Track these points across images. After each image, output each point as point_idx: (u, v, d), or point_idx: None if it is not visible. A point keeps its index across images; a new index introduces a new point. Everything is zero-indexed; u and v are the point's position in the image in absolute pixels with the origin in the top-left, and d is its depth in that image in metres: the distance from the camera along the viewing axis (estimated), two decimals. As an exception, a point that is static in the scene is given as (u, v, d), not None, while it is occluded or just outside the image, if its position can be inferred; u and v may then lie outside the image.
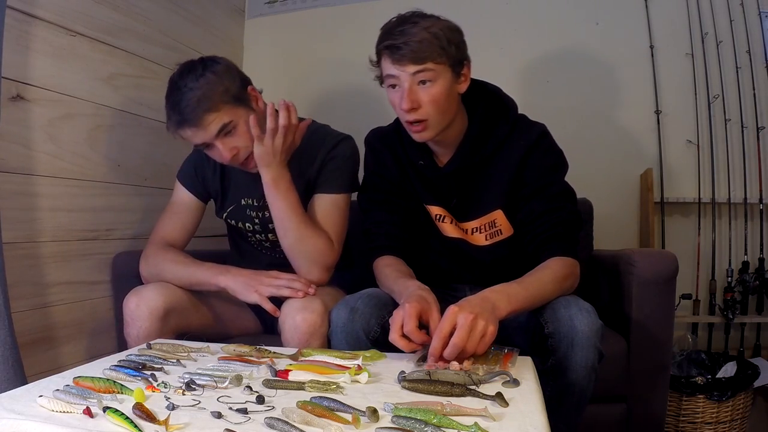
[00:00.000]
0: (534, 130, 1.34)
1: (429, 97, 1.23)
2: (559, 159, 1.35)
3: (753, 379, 1.74)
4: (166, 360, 1.03)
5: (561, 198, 1.31)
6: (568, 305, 1.14)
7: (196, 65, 1.36)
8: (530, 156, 1.32)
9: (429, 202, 1.41)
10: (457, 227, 1.41)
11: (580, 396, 1.12)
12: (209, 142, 1.35)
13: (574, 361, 1.10)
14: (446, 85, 1.24)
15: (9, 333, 1.23)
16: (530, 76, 2.20)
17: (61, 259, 1.55)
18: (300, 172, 1.46)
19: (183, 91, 1.31)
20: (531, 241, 1.29)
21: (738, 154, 2.03)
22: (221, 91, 1.33)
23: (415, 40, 1.20)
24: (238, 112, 1.36)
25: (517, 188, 1.33)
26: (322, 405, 0.77)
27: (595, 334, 1.10)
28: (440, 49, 1.21)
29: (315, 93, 2.40)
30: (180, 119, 1.32)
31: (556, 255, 1.24)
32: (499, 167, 1.34)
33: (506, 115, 1.35)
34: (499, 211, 1.36)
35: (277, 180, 1.36)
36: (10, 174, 1.41)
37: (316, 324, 1.25)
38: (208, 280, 1.37)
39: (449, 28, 1.24)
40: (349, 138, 1.50)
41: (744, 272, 2.00)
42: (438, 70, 1.22)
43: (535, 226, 1.29)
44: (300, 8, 2.43)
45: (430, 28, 1.21)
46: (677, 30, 2.07)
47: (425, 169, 1.38)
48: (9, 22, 1.34)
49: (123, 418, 0.72)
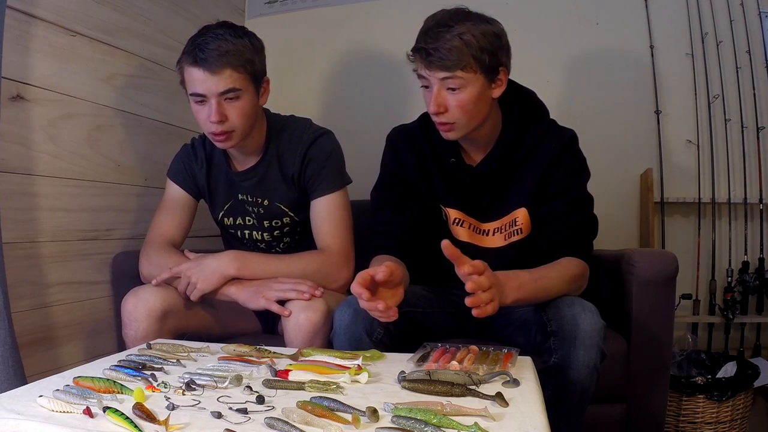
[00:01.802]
0: (566, 134, 1.37)
1: (456, 103, 1.24)
2: (584, 165, 1.39)
3: (753, 379, 1.74)
4: (166, 360, 1.03)
5: (581, 202, 1.33)
6: (572, 304, 1.14)
7: (238, 27, 1.38)
8: (561, 157, 1.34)
9: (448, 205, 1.41)
10: (472, 231, 1.41)
11: (582, 395, 1.12)
12: (209, 96, 1.34)
13: (576, 359, 1.10)
14: (476, 92, 1.23)
15: (9, 333, 1.23)
16: (530, 76, 2.19)
17: (61, 259, 1.55)
18: (280, 169, 1.48)
19: (218, 37, 1.32)
20: (546, 239, 1.30)
21: (738, 154, 2.03)
22: (249, 59, 1.35)
23: (445, 48, 1.19)
24: (249, 88, 1.37)
25: (543, 187, 1.35)
26: (322, 405, 0.77)
27: (598, 333, 1.11)
28: (471, 57, 1.20)
29: (315, 93, 2.40)
30: (201, 57, 1.31)
31: (569, 255, 1.25)
32: (529, 169, 1.35)
33: (540, 119, 1.37)
34: (523, 209, 1.36)
35: (238, 290, 1.36)
36: (10, 174, 1.41)
37: (319, 323, 1.26)
38: None
39: (485, 33, 1.22)
40: (328, 133, 1.50)
41: (744, 272, 2.00)
42: (467, 78, 1.22)
43: (552, 225, 1.30)
44: (300, 8, 2.43)
45: (463, 35, 1.19)
46: (677, 30, 2.07)
47: (456, 167, 1.38)
48: (9, 22, 1.34)
49: (123, 418, 0.72)
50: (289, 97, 2.30)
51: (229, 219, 1.56)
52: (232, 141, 1.39)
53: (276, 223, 1.53)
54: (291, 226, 1.54)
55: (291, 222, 1.53)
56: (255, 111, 1.41)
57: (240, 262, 1.38)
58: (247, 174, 1.50)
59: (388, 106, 2.24)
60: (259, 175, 1.49)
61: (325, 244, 1.44)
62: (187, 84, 1.36)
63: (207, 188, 1.55)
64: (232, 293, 1.37)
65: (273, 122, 1.51)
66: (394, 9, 2.27)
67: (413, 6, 2.21)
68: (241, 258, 1.39)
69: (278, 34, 2.42)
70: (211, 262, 1.37)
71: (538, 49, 2.19)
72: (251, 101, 1.38)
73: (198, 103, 1.36)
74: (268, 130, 1.50)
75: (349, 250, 1.45)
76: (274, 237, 1.55)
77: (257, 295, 1.34)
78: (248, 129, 1.41)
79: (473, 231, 1.41)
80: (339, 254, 1.42)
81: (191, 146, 1.58)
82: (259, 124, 1.47)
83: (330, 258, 1.42)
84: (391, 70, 2.24)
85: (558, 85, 2.18)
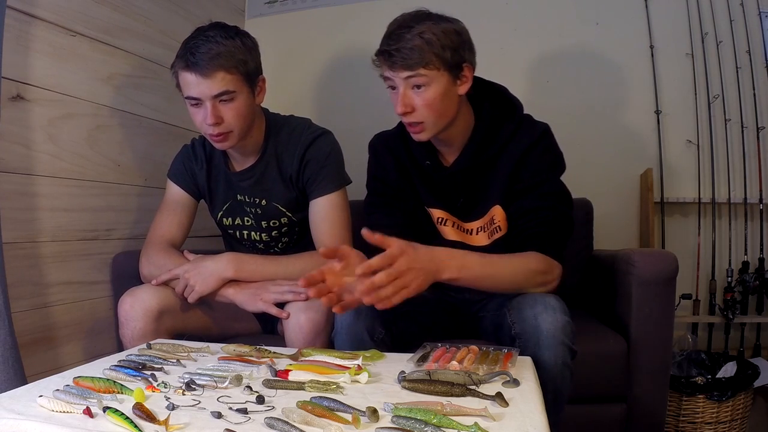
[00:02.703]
0: (537, 128, 1.35)
1: (423, 101, 1.24)
2: (557, 159, 1.35)
3: (753, 379, 1.74)
4: (166, 360, 1.03)
5: (552, 198, 1.30)
6: (534, 304, 1.14)
7: (230, 27, 1.37)
8: (530, 153, 1.32)
9: (431, 205, 1.41)
10: (458, 230, 1.41)
11: (555, 395, 1.11)
12: (204, 99, 1.33)
13: (542, 360, 1.09)
14: (441, 89, 1.24)
15: (9, 333, 1.23)
16: (530, 76, 2.20)
17: (61, 259, 1.55)
18: (279, 168, 1.48)
19: (209, 39, 1.32)
20: (516, 235, 1.29)
21: (738, 154, 2.03)
22: (241, 59, 1.34)
23: (407, 47, 1.20)
24: (243, 88, 1.36)
25: (513, 183, 1.33)
26: (322, 405, 0.77)
27: (561, 331, 1.10)
28: (433, 55, 1.21)
29: (315, 93, 2.40)
30: (192, 61, 1.31)
31: (536, 252, 1.23)
32: (501, 165, 1.34)
33: (512, 115, 1.36)
34: (498, 207, 1.35)
35: (236, 292, 1.37)
36: (10, 174, 1.41)
37: (320, 324, 1.26)
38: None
39: (446, 32, 1.23)
40: (327, 133, 1.50)
41: (744, 272, 2.00)
42: (431, 76, 1.22)
43: (522, 222, 1.29)
44: (300, 8, 2.43)
45: (424, 34, 1.20)
46: (677, 30, 2.07)
47: (431, 169, 1.38)
48: (9, 22, 1.34)
49: (123, 418, 0.72)
50: (289, 96, 2.30)
51: (228, 219, 1.56)
52: (230, 141, 1.39)
53: (274, 223, 1.52)
54: (289, 226, 1.54)
55: (289, 222, 1.53)
56: (251, 111, 1.41)
57: (238, 264, 1.38)
58: (245, 174, 1.50)
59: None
60: (257, 175, 1.49)
61: (324, 245, 1.44)
62: (182, 88, 1.36)
63: (207, 188, 1.55)
64: (230, 295, 1.37)
65: (272, 121, 1.51)
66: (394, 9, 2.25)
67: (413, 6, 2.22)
68: (239, 260, 1.39)
69: (278, 34, 2.43)
70: (209, 265, 1.37)
71: (538, 49, 2.19)
72: (246, 101, 1.38)
73: (194, 106, 1.36)
74: (266, 130, 1.50)
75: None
76: (273, 237, 1.55)
77: (255, 297, 1.34)
78: (245, 129, 1.41)
79: (459, 230, 1.41)
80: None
81: (191, 147, 1.58)
82: (257, 124, 1.47)
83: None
84: (391, 70, 2.24)
85: (558, 85, 2.18)
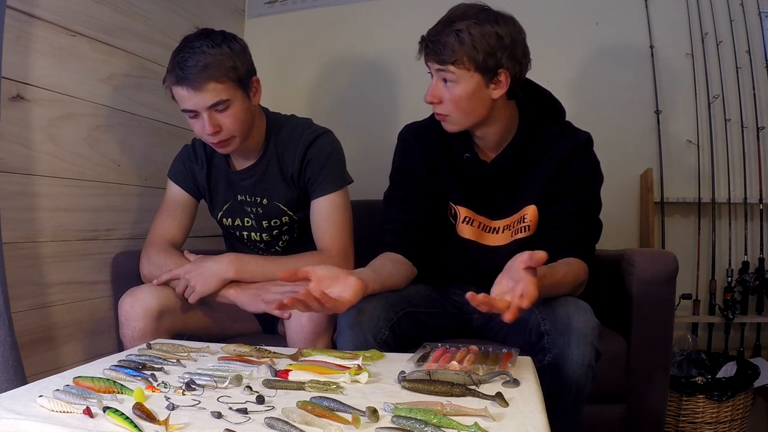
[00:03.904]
0: (582, 135, 1.37)
1: (449, 96, 1.25)
2: (598, 169, 1.38)
3: (753, 379, 1.74)
4: (166, 360, 1.03)
5: (590, 205, 1.34)
6: (566, 303, 1.15)
7: (216, 34, 1.36)
8: (575, 158, 1.34)
9: (457, 201, 1.41)
10: (476, 228, 1.41)
11: (577, 394, 1.12)
12: (199, 110, 1.34)
13: (570, 358, 1.09)
14: (469, 90, 1.24)
15: (9, 333, 1.23)
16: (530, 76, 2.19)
17: (61, 259, 1.55)
18: (279, 168, 1.48)
19: (195, 51, 1.31)
20: (551, 238, 1.30)
21: (738, 154, 2.03)
22: (231, 66, 1.33)
23: (440, 42, 1.21)
24: (237, 94, 1.36)
25: (554, 186, 1.34)
26: (322, 405, 0.77)
27: (592, 331, 1.10)
28: (464, 55, 1.21)
29: (315, 93, 2.39)
30: (182, 76, 1.30)
31: (573, 256, 1.25)
32: (542, 167, 1.35)
33: (557, 118, 1.37)
34: (533, 206, 1.36)
35: (237, 293, 1.37)
36: (10, 174, 1.41)
37: (322, 324, 1.26)
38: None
39: (485, 34, 1.21)
40: (328, 132, 1.50)
41: (744, 272, 2.00)
42: (459, 74, 1.22)
43: (559, 225, 1.30)
44: (300, 8, 2.43)
45: (461, 32, 1.20)
46: (677, 30, 2.07)
47: (470, 162, 1.37)
48: (9, 22, 1.34)
49: (123, 418, 0.72)
50: (289, 96, 2.30)
51: (228, 219, 1.56)
52: (233, 146, 1.40)
53: (275, 223, 1.53)
54: (290, 225, 1.54)
55: (290, 221, 1.53)
56: (249, 114, 1.41)
57: (239, 264, 1.37)
58: (246, 173, 1.50)
59: (388, 106, 2.24)
60: (257, 174, 1.49)
61: (325, 245, 1.44)
62: (177, 101, 1.36)
63: (207, 188, 1.56)
64: (231, 296, 1.37)
65: (272, 121, 1.51)
66: (393, 9, 2.27)
67: (413, 6, 2.22)
68: (240, 261, 1.39)
69: (278, 34, 2.43)
70: (209, 265, 1.36)
71: (538, 49, 2.18)
72: (242, 106, 1.37)
73: (191, 117, 1.37)
74: (267, 129, 1.50)
75: (348, 250, 1.45)
76: (273, 236, 1.55)
77: (256, 298, 1.34)
78: (246, 131, 1.41)
79: (479, 229, 1.41)
80: (338, 255, 1.42)
81: (191, 147, 1.58)
82: (257, 123, 1.47)
83: (329, 259, 1.41)
84: (391, 69, 2.24)
85: (558, 85, 2.16)
